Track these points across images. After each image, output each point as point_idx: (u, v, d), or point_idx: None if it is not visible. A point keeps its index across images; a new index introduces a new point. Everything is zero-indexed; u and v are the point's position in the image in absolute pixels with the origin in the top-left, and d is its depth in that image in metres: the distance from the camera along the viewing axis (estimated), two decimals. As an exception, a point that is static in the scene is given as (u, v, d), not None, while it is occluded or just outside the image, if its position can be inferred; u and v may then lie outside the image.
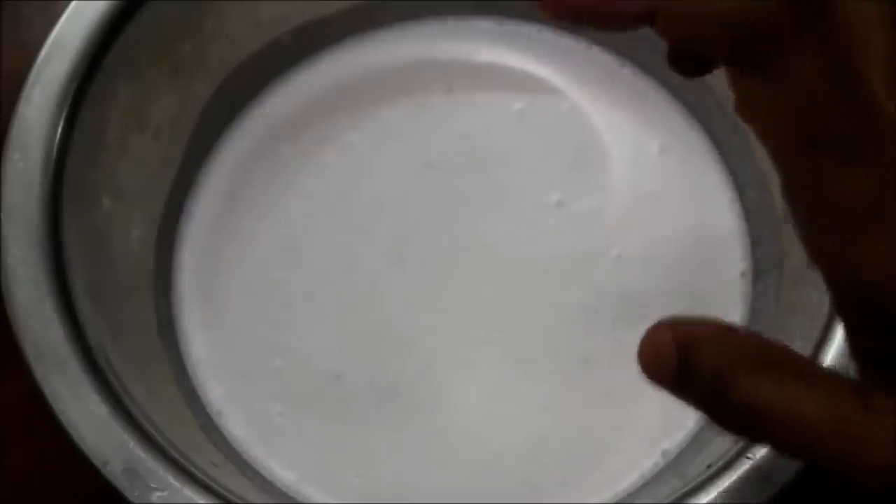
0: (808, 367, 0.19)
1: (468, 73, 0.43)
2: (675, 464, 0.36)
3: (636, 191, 0.41)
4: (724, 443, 0.32)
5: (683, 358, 0.20)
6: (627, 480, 0.36)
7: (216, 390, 0.38)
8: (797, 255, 0.35)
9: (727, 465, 0.30)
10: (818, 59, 0.19)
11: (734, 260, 0.39)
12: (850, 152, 0.19)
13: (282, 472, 0.37)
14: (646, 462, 0.37)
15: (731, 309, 0.38)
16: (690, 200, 0.41)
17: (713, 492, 0.30)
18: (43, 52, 0.35)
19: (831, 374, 0.19)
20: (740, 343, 0.20)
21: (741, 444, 0.30)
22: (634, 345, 0.38)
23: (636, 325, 0.39)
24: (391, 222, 0.40)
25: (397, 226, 0.40)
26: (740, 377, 0.19)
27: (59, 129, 0.34)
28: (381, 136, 0.42)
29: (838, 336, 0.31)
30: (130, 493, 0.30)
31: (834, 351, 0.31)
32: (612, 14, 0.21)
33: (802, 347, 0.32)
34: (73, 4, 0.35)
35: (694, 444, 0.37)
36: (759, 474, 0.30)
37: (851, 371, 0.20)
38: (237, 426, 0.38)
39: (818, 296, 0.32)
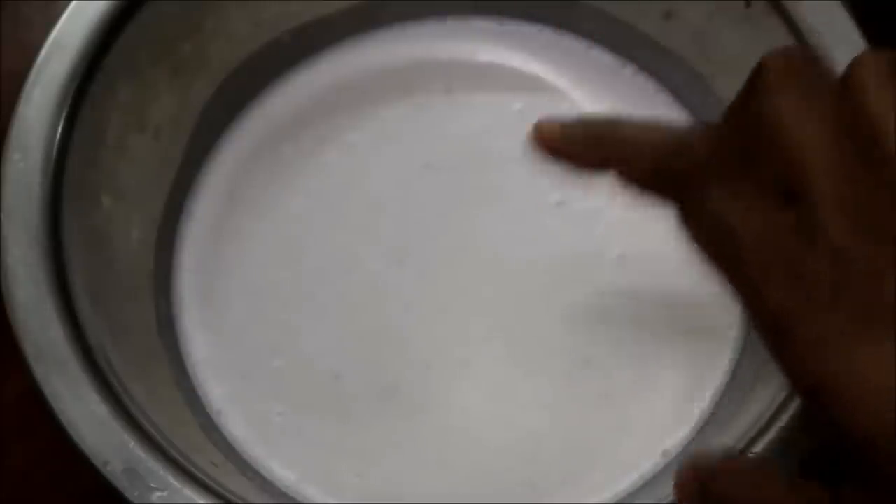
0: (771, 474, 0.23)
1: (468, 73, 0.43)
2: (675, 464, 0.36)
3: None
4: (724, 442, 0.32)
5: (700, 489, 0.24)
6: (627, 480, 0.36)
7: (216, 390, 0.38)
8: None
9: (727, 465, 0.30)
10: (740, 196, 0.22)
11: (734, 260, 0.39)
12: (773, 272, 0.21)
13: (282, 472, 0.37)
14: (646, 462, 0.37)
15: (730, 308, 0.38)
16: (690, 200, 0.41)
17: (713, 492, 0.30)
18: (43, 52, 0.35)
19: (788, 478, 0.23)
20: (735, 470, 0.24)
21: (741, 443, 0.30)
22: (634, 345, 0.38)
23: (636, 326, 0.39)
24: (391, 222, 0.40)
25: (397, 226, 0.40)
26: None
27: (59, 129, 0.34)
28: (381, 136, 0.42)
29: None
30: (130, 493, 0.30)
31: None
32: (573, 159, 0.26)
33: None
34: (73, 4, 0.35)
35: (694, 444, 0.37)
36: (759, 474, 0.30)
37: None
38: (237, 426, 0.38)
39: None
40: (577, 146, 0.26)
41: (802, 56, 0.23)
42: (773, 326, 0.21)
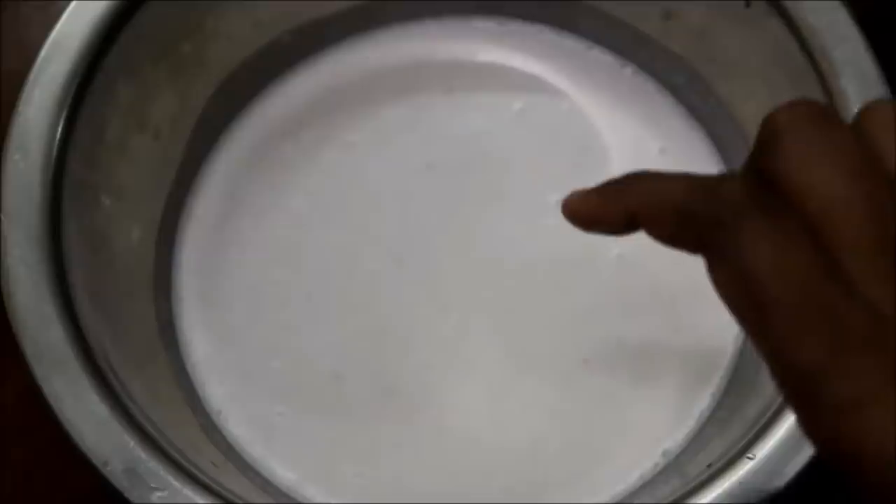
0: None
1: (468, 73, 0.43)
2: (675, 464, 0.36)
3: (636, 191, 0.41)
4: (724, 442, 0.32)
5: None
6: (627, 480, 0.36)
7: (216, 390, 0.38)
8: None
9: (727, 465, 0.30)
10: (768, 242, 0.20)
11: (734, 260, 0.39)
12: (803, 325, 0.20)
13: (282, 472, 0.37)
14: (646, 462, 0.37)
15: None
16: (690, 200, 0.41)
17: (713, 492, 0.30)
18: (43, 52, 0.35)
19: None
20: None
21: (741, 443, 0.30)
22: (634, 345, 0.38)
23: (636, 325, 0.39)
24: (391, 222, 0.40)
25: (397, 226, 0.40)
26: None
27: (59, 129, 0.34)
28: (381, 136, 0.42)
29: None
30: (130, 493, 0.30)
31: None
32: (603, 220, 0.25)
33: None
34: (73, 4, 0.35)
35: (694, 444, 0.37)
36: (759, 474, 0.30)
37: None
38: (237, 426, 0.38)
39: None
40: (601, 205, 0.25)
41: (808, 105, 0.22)
42: (801, 385, 0.20)
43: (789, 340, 0.20)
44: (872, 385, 0.19)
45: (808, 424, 0.20)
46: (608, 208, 0.25)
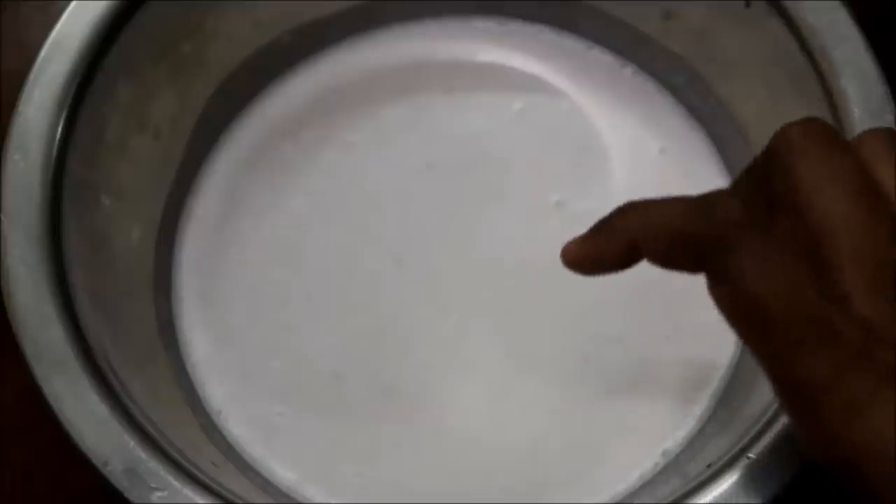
0: None
1: (468, 73, 0.43)
2: (675, 464, 0.36)
3: (636, 191, 0.40)
4: (724, 442, 0.32)
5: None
6: (627, 480, 0.36)
7: (216, 390, 0.38)
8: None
9: (727, 465, 0.30)
10: (767, 262, 0.21)
11: (734, 260, 0.39)
12: (802, 341, 0.20)
13: (282, 472, 0.37)
14: (646, 462, 0.37)
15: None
16: (690, 200, 0.41)
17: (713, 492, 0.30)
18: (43, 52, 0.35)
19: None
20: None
21: (741, 443, 0.30)
22: (634, 345, 0.38)
23: (636, 325, 0.39)
24: (391, 222, 0.40)
25: (397, 226, 0.40)
26: None
27: (59, 129, 0.34)
28: (381, 136, 0.42)
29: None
30: (130, 493, 0.30)
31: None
32: (604, 257, 0.26)
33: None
34: (73, 4, 0.35)
35: (694, 444, 0.37)
36: (759, 474, 0.30)
37: None
38: (237, 426, 0.38)
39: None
40: (599, 244, 0.26)
41: (820, 125, 0.22)
42: (801, 396, 0.21)
43: (789, 355, 0.21)
44: (869, 392, 0.20)
45: (809, 433, 0.21)
46: (608, 245, 0.26)
